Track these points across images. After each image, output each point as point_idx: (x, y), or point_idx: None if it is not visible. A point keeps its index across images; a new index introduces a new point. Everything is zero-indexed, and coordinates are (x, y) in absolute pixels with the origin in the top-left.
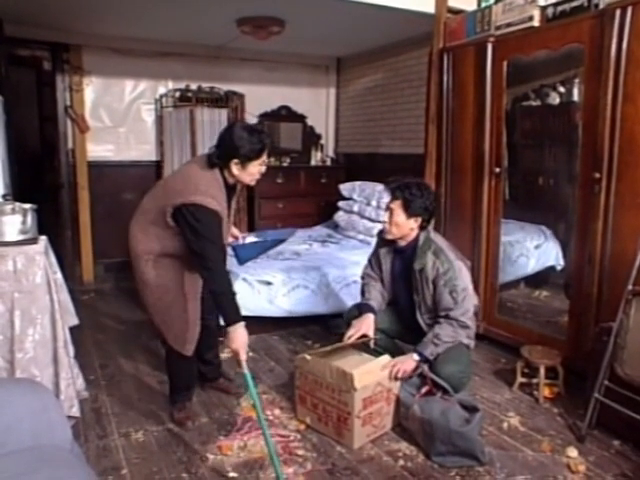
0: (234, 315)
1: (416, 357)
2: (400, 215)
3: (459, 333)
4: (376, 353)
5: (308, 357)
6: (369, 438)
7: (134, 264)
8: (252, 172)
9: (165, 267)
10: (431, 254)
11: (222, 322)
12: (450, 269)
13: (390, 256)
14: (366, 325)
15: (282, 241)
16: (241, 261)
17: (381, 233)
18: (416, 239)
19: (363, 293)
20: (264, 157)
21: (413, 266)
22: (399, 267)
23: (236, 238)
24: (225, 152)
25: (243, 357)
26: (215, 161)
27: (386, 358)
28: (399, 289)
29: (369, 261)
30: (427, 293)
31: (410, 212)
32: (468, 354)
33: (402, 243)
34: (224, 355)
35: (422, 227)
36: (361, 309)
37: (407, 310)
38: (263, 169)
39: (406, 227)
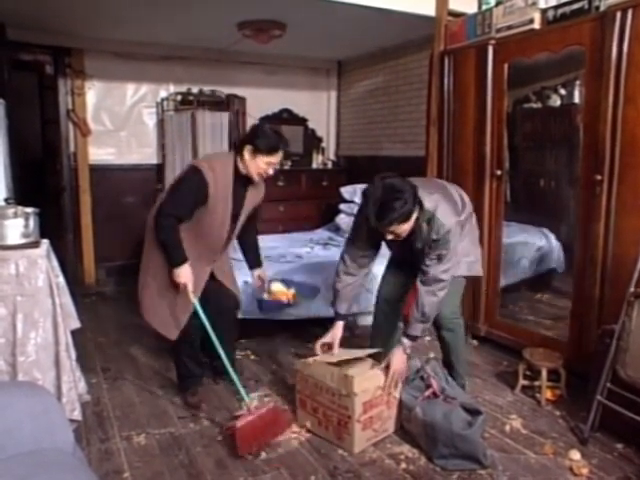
0: (178, 259)
1: (407, 342)
2: (404, 227)
3: (438, 295)
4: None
5: (309, 360)
6: (369, 442)
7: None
8: (259, 165)
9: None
10: (425, 224)
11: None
12: (442, 237)
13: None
14: (333, 335)
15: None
16: (263, 311)
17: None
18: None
19: (336, 282)
20: (274, 158)
21: (416, 245)
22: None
23: (262, 282)
24: (245, 137)
25: (190, 288)
26: (236, 144)
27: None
28: (395, 252)
29: (354, 232)
30: (417, 252)
31: (409, 219)
32: (454, 291)
33: None
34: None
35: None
36: (334, 316)
37: (405, 262)
38: (270, 171)
39: (412, 224)
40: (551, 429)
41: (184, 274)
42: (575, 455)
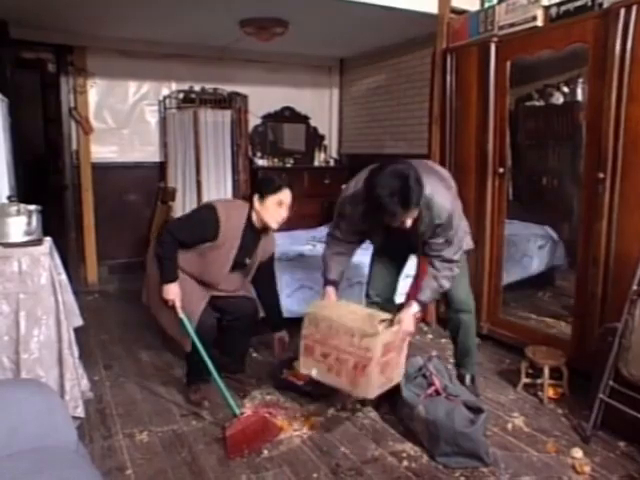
0: (169, 276)
1: (417, 308)
2: (416, 210)
3: (454, 270)
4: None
5: (324, 302)
6: (381, 390)
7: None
8: (269, 208)
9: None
10: (425, 209)
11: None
12: (446, 221)
13: (370, 214)
14: (327, 299)
15: None
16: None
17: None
18: None
19: (326, 253)
20: (282, 195)
21: (420, 230)
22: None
23: (282, 346)
24: (252, 190)
25: (178, 304)
26: (248, 196)
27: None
28: (388, 242)
29: (341, 221)
30: (420, 241)
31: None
32: (462, 273)
33: None
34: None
35: None
36: (324, 283)
37: (398, 246)
38: (284, 213)
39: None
40: (553, 427)
41: (172, 291)
42: (577, 453)
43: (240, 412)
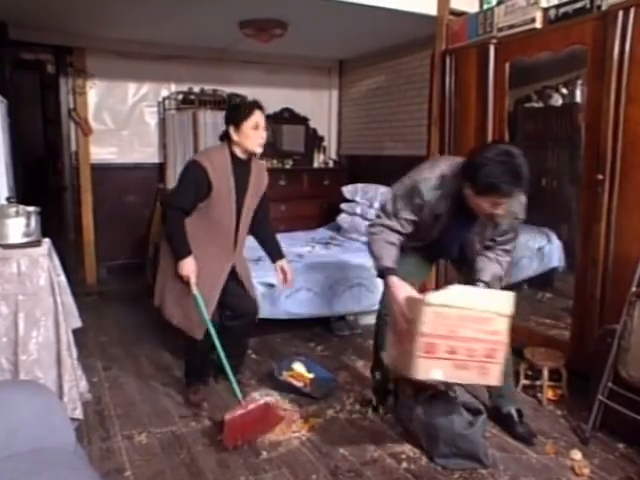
0: (182, 251)
1: (482, 286)
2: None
3: (510, 257)
4: None
5: (454, 287)
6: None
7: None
8: (248, 134)
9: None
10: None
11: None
12: (523, 216)
13: (447, 202)
14: (410, 290)
15: None
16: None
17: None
18: None
19: (377, 241)
20: (256, 117)
21: (499, 221)
22: (460, 212)
23: (285, 275)
24: (225, 122)
25: (193, 280)
26: (222, 136)
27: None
28: (448, 229)
29: (407, 200)
30: (488, 233)
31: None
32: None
33: None
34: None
35: None
36: (384, 273)
37: (449, 244)
38: (263, 134)
39: None
40: (552, 429)
41: (187, 267)
42: (576, 455)
43: (243, 397)
